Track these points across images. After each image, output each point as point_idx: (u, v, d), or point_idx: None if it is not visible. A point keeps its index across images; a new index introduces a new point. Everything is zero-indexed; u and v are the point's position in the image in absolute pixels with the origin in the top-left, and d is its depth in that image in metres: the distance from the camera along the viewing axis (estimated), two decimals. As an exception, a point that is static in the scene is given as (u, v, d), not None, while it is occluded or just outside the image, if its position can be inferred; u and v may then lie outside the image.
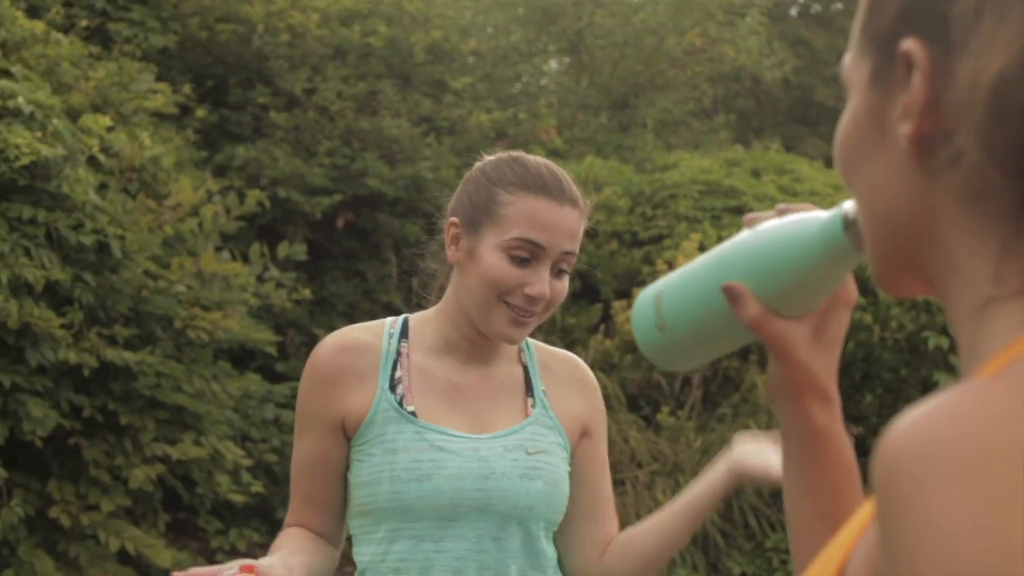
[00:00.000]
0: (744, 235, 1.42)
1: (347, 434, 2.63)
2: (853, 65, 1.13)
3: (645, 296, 1.51)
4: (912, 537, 0.86)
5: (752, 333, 1.41)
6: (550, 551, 2.70)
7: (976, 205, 1.00)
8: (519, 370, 2.75)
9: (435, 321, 2.71)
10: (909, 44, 1.02)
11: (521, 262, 2.57)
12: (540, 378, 2.74)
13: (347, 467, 2.64)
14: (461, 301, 2.65)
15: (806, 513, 1.44)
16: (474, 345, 2.69)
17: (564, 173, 2.68)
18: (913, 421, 0.89)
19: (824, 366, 1.42)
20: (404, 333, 2.70)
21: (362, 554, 2.63)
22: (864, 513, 1.07)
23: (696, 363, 1.58)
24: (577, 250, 2.62)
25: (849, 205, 1.30)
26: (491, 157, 2.72)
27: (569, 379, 2.78)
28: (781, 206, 1.41)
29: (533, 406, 2.70)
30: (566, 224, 2.59)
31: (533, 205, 2.58)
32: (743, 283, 1.37)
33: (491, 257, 2.58)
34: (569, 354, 2.85)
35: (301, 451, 2.67)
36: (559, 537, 2.75)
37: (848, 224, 1.30)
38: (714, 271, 1.42)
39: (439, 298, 2.75)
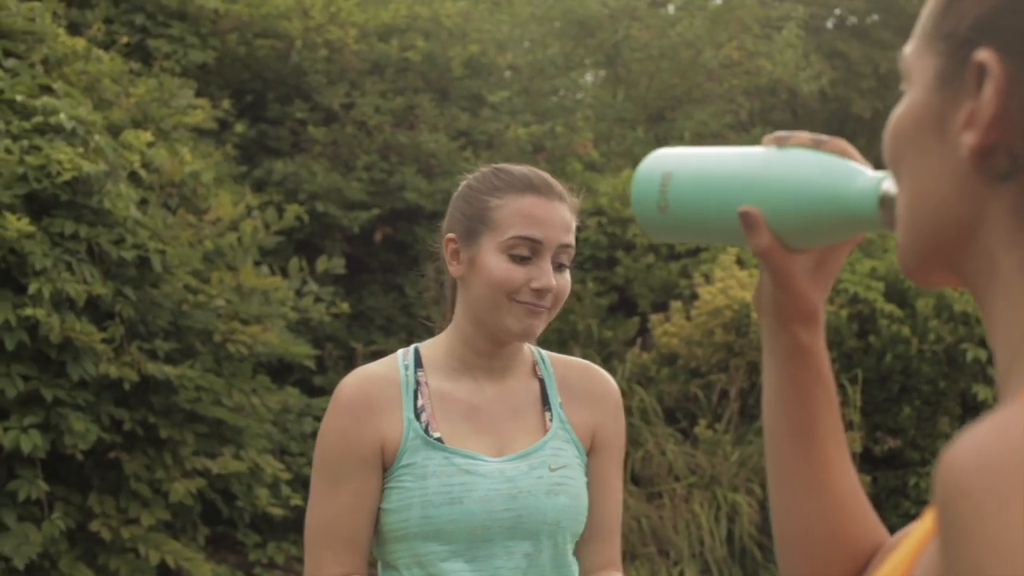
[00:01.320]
0: (771, 154, 1.39)
1: (384, 464, 2.63)
2: (917, 57, 1.12)
3: (651, 168, 1.48)
4: (979, 554, 0.87)
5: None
6: (574, 563, 2.73)
7: (1021, 219, 1.00)
8: (535, 384, 2.77)
9: (446, 343, 2.73)
10: (985, 55, 1.01)
11: (522, 260, 2.61)
12: (556, 391, 2.76)
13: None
14: (472, 313, 2.68)
15: (782, 429, 1.44)
16: (489, 360, 2.72)
17: (547, 175, 2.72)
18: (974, 439, 0.90)
19: (819, 295, 1.42)
20: (418, 362, 2.71)
21: None
22: (920, 531, 1.07)
23: (682, 242, 1.55)
24: (573, 243, 2.66)
25: (889, 182, 1.28)
26: (474, 173, 2.77)
27: (585, 389, 2.79)
28: (815, 136, 1.38)
29: (551, 420, 2.73)
30: (558, 217, 2.64)
31: (524, 204, 2.63)
32: (760, 208, 1.36)
33: (493, 260, 2.62)
34: (588, 364, 2.86)
35: (340, 501, 2.61)
36: None
37: (884, 201, 1.28)
38: (733, 182, 1.40)
39: (449, 322, 2.78)
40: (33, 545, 5.96)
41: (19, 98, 6.34)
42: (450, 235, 2.70)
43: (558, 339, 9.18)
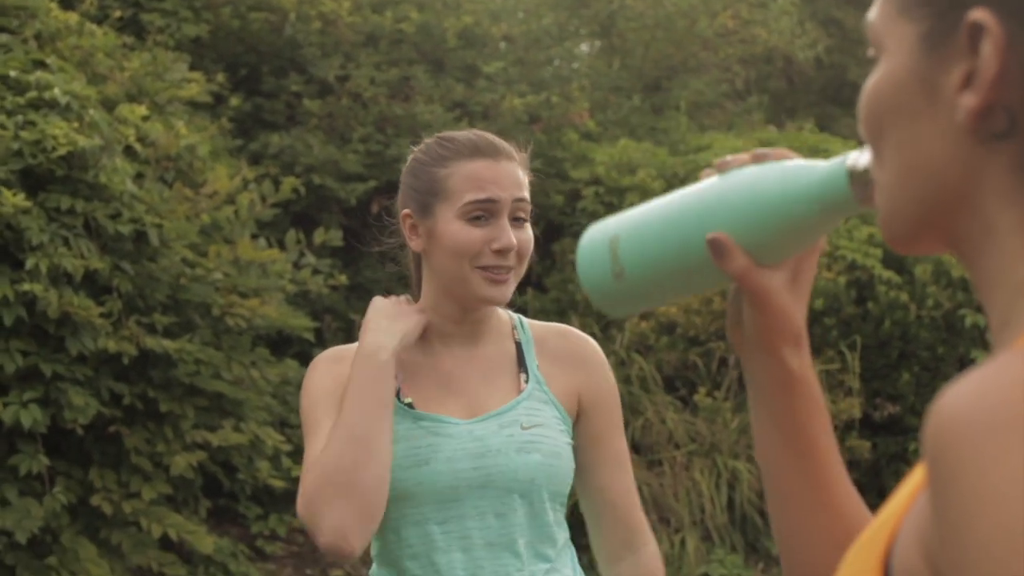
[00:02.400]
0: (718, 181, 1.35)
1: None
2: (889, 23, 1.11)
3: (594, 240, 1.42)
4: (970, 503, 0.87)
5: (727, 280, 1.36)
6: (559, 524, 2.71)
7: (1021, 176, 1.00)
8: (511, 347, 2.76)
9: None
10: (981, 15, 1.01)
11: (480, 222, 2.62)
12: (534, 354, 2.75)
13: None
14: (438, 284, 2.69)
15: (782, 457, 1.42)
16: (460, 326, 2.72)
17: (492, 136, 2.73)
18: (961, 390, 0.90)
19: (800, 310, 1.40)
20: None
21: (373, 543, 2.69)
22: (911, 485, 1.07)
23: (646, 309, 1.51)
24: (528, 196, 2.67)
25: (854, 156, 1.27)
26: (418, 146, 2.78)
27: (566, 352, 2.77)
28: (757, 151, 1.36)
29: (526, 381, 2.71)
30: (508, 174, 2.65)
31: (473, 168, 2.64)
32: (726, 232, 1.32)
33: (451, 228, 2.63)
34: (568, 328, 2.85)
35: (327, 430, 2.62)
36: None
37: (854, 177, 1.26)
38: (689, 218, 1.35)
39: (417, 299, 2.77)
40: (34, 520, 5.97)
41: (12, 73, 6.32)
42: (405, 211, 2.72)
43: (556, 308, 9.18)
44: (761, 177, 1.32)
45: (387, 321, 2.64)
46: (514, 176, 2.66)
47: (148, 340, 6.29)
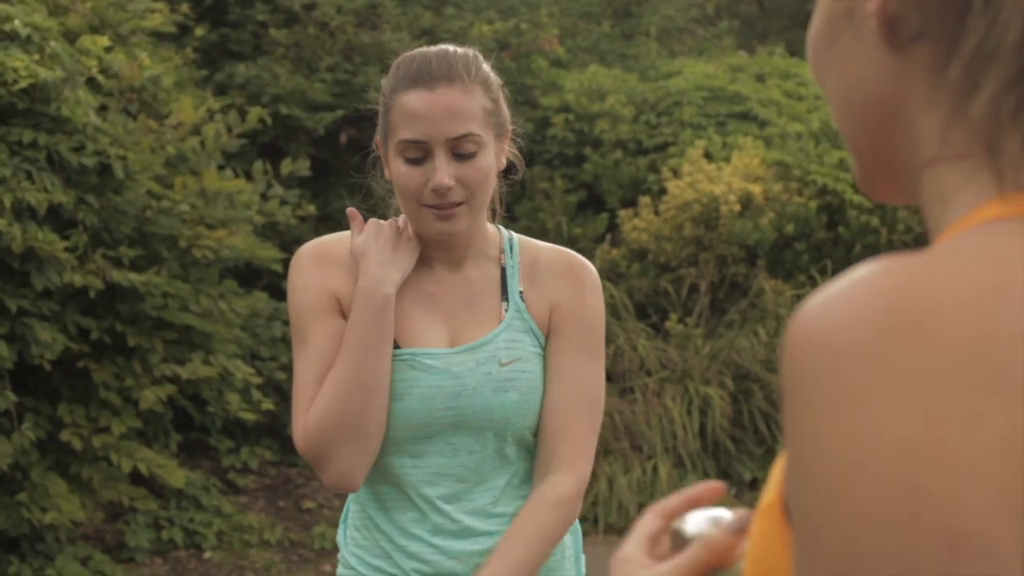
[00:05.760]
0: None
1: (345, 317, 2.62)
2: None
3: None
4: (799, 422, 0.85)
5: None
6: (519, 455, 2.68)
7: (937, 76, 1.00)
8: (496, 272, 2.71)
9: None
10: None
11: (415, 162, 2.55)
12: (519, 278, 2.69)
13: None
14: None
15: None
16: (442, 251, 2.68)
17: (451, 53, 2.61)
18: (818, 302, 0.89)
19: None
20: None
21: None
22: None
23: None
24: (471, 128, 2.54)
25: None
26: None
27: (552, 269, 2.70)
28: (690, 496, 1.29)
29: (506, 310, 2.67)
30: (442, 107, 2.52)
31: (405, 102, 2.54)
32: None
33: (394, 165, 2.59)
34: (564, 250, 2.76)
35: (317, 344, 2.60)
36: None
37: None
38: None
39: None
40: (4, 456, 5.93)
41: (-28, 5, 6.23)
42: (377, 138, 2.68)
43: (527, 236, 9.13)
44: None
45: (389, 251, 2.61)
46: (449, 107, 2.52)
47: (115, 274, 6.23)
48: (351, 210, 2.70)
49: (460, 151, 2.54)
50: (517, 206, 9.45)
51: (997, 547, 0.78)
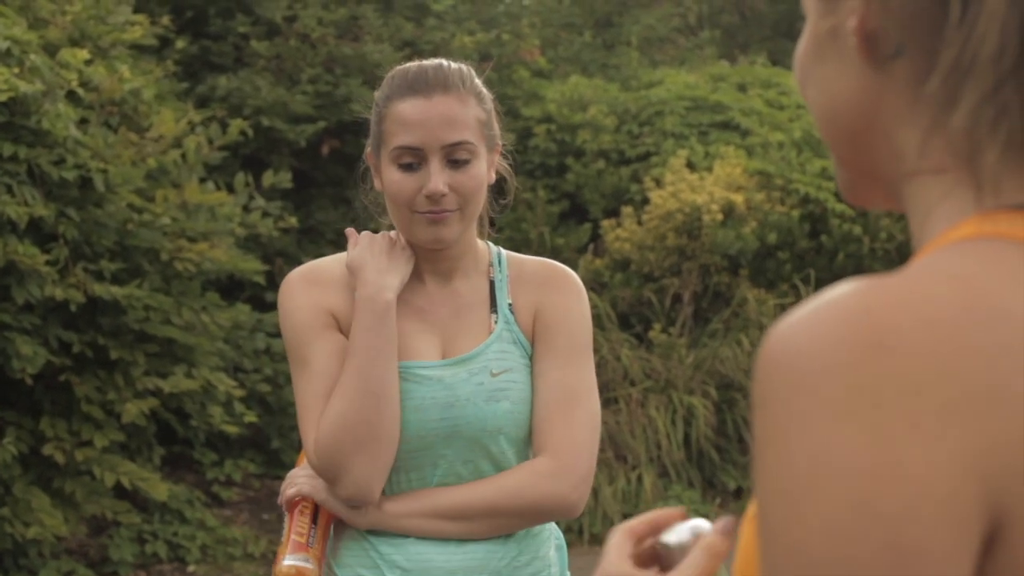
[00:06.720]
0: None
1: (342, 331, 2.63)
2: None
3: None
4: (763, 440, 0.89)
5: None
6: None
7: (917, 90, 1.02)
8: (485, 284, 2.72)
9: None
10: None
11: (409, 168, 2.56)
12: (507, 291, 2.71)
13: None
14: (395, 225, 2.67)
15: None
16: (431, 263, 2.68)
17: (447, 65, 2.65)
18: (792, 321, 0.91)
19: None
20: None
21: None
22: None
23: None
24: (465, 136, 2.57)
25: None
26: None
27: (536, 277, 2.72)
28: (657, 518, 1.26)
29: (496, 322, 2.68)
30: (437, 115, 2.56)
31: (400, 109, 2.58)
32: None
33: (387, 174, 2.60)
34: (549, 261, 2.79)
35: (320, 360, 2.59)
36: None
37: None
38: None
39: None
40: (-15, 471, 5.92)
41: (-49, 18, 6.21)
42: (368, 150, 2.70)
43: (510, 247, 9.12)
44: None
45: (385, 260, 2.61)
46: (445, 115, 2.56)
47: (96, 287, 6.21)
48: (350, 230, 2.72)
49: (454, 158, 2.56)
50: (499, 217, 9.43)
51: (943, 566, 0.83)
